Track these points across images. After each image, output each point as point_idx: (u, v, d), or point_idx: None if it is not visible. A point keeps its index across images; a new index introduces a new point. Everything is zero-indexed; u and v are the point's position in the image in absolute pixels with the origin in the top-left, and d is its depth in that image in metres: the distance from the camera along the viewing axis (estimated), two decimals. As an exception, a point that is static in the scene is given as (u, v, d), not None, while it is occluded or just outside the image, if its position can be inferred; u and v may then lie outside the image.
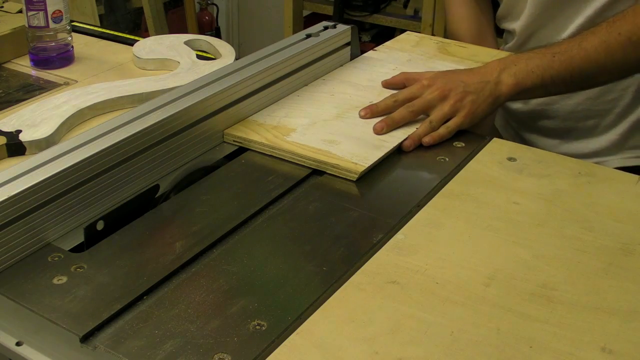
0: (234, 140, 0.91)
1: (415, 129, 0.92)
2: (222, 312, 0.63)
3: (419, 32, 2.49)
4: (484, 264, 0.69)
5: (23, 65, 1.14)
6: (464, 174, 0.84)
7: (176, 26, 3.01)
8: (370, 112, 0.95)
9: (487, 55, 1.11)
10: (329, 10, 2.74)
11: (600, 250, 0.71)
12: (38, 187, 0.70)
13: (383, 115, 0.94)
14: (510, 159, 0.87)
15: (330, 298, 0.65)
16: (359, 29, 1.18)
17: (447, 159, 0.88)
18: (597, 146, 1.17)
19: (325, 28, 1.10)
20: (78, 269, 0.68)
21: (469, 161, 0.87)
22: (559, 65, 0.95)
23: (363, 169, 0.83)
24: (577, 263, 0.70)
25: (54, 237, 0.72)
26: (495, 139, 0.92)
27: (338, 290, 0.65)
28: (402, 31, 2.64)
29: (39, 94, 1.04)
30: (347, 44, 1.11)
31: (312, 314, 0.63)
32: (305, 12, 2.85)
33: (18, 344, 0.59)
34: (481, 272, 0.68)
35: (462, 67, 1.03)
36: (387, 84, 1.03)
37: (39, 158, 0.73)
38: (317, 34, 1.07)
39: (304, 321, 0.62)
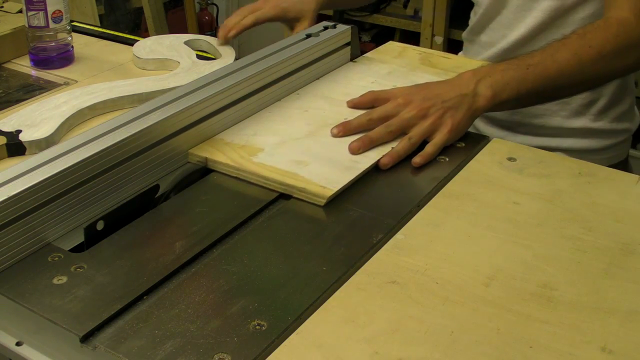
0: (197, 161, 0.86)
1: (391, 148, 0.88)
2: (222, 312, 0.63)
3: (419, 32, 2.50)
4: (484, 264, 0.69)
5: (23, 65, 1.14)
6: (464, 174, 0.84)
7: (176, 26, 3.01)
8: (343, 130, 0.91)
9: (471, 67, 1.04)
10: (329, 10, 2.74)
11: (600, 250, 0.71)
12: (38, 187, 0.70)
13: (356, 133, 0.90)
14: (510, 159, 0.87)
15: (330, 298, 0.65)
16: (359, 29, 1.17)
17: (447, 159, 0.88)
18: (544, 143, 1.17)
19: (325, 28, 1.10)
20: (78, 269, 0.68)
21: (469, 161, 0.87)
22: (533, 77, 0.93)
23: (331, 193, 0.79)
24: (577, 263, 0.70)
25: (54, 237, 0.72)
26: (495, 139, 0.92)
27: (338, 290, 0.66)
28: (402, 31, 2.65)
29: (39, 94, 1.04)
30: (347, 44, 1.11)
31: (312, 314, 0.63)
32: (305, 12, 2.85)
33: (18, 344, 0.59)
34: (481, 272, 0.68)
35: (443, 79, 0.99)
36: (353, 105, 0.97)
37: (39, 158, 0.73)
38: (317, 34, 1.07)
39: (304, 321, 0.62)
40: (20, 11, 1.16)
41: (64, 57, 1.13)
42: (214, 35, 1.20)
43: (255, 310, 0.63)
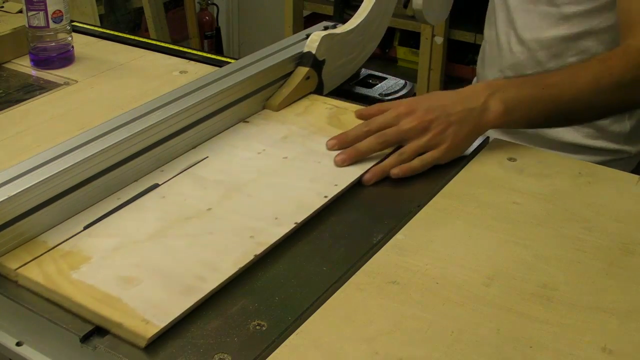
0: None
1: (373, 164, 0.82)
2: (222, 312, 0.63)
3: (419, 32, 2.50)
4: (484, 264, 0.69)
5: (23, 65, 1.14)
6: (464, 174, 0.84)
7: (176, 26, 3.01)
8: (339, 142, 0.85)
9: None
10: (329, 10, 2.73)
11: (600, 250, 0.71)
12: (38, 187, 0.70)
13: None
14: (510, 159, 0.87)
15: (330, 298, 0.65)
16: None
17: (447, 159, 0.88)
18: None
19: (326, 28, 1.09)
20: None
21: (469, 161, 0.87)
22: (548, 98, 0.87)
23: (154, 332, 0.59)
24: (577, 263, 0.70)
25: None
26: (495, 139, 0.92)
27: (338, 290, 0.65)
28: (402, 31, 2.65)
29: (39, 94, 1.04)
30: (347, 44, 1.11)
31: (312, 314, 0.63)
32: (305, 12, 2.85)
33: (18, 344, 0.59)
34: (481, 272, 0.68)
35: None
36: (359, 117, 0.91)
37: (39, 158, 0.73)
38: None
39: (304, 321, 0.62)
40: (21, 11, 1.16)
41: (64, 57, 1.13)
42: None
43: (255, 310, 0.63)
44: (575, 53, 1.11)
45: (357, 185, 0.82)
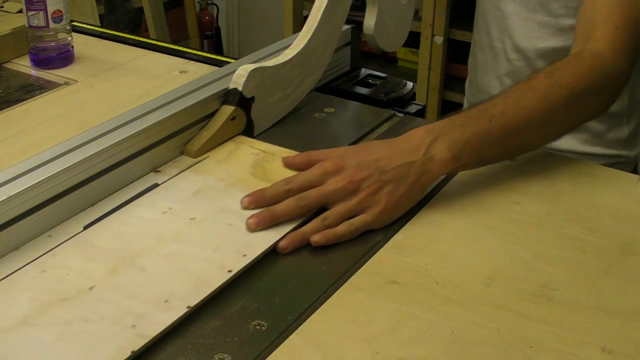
0: None
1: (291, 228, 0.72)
2: (222, 312, 0.63)
3: (419, 32, 2.49)
4: (484, 264, 0.69)
5: (23, 65, 1.14)
6: (464, 174, 0.84)
7: (176, 26, 3.01)
8: (255, 200, 0.74)
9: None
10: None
11: (600, 250, 0.71)
12: (38, 187, 0.69)
13: (272, 205, 0.74)
14: (510, 159, 0.87)
15: (330, 298, 0.65)
16: (359, 29, 1.17)
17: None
18: None
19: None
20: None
21: (469, 161, 0.86)
22: (498, 131, 0.78)
23: None
24: (577, 263, 0.70)
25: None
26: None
27: (338, 290, 0.66)
28: (402, 31, 2.64)
29: (39, 94, 1.04)
30: (347, 44, 1.11)
31: (312, 314, 0.63)
32: (305, 12, 2.85)
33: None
34: (481, 272, 0.68)
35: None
36: (286, 166, 0.82)
37: (39, 158, 0.73)
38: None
39: (304, 321, 0.62)
40: (20, 11, 1.16)
41: (64, 57, 1.13)
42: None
43: (255, 310, 0.63)
44: None
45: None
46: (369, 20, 1.03)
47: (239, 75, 0.87)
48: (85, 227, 0.72)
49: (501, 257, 0.70)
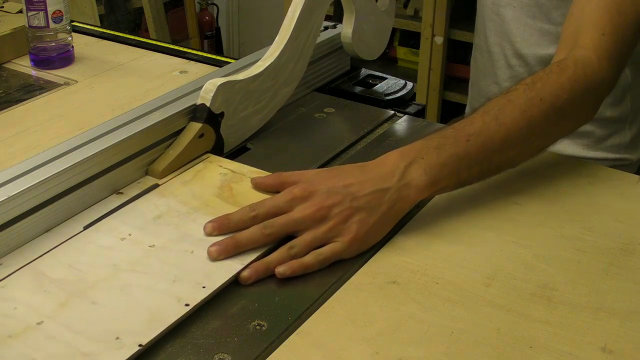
0: None
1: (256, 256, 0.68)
2: (222, 312, 0.63)
3: (419, 32, 2.50)
4: (484, 264, 0.69)
5: (23, 66, 1.14)
6: (464, 174, 0.84)
7: (176, 26, 3.01)
8: (218, 227, 0.70)
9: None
10: (329, 10, 2.74)
11: (600, 250, 0.71)
12: (38, 187, 0.69)
13: (237, 231, 0.70)
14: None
15: (330, 298, 0.65)
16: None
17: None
18: None
19: (326, 28, 1.09)
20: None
21: (469, 161, 0.86)
22: (476, 150, 0.74)
23: None
24: (577, 263, 0.70)
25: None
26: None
27: (338, 291, 0.66)
28: (403, 31, 2.64)
29: (39, 94, 1.04)
30: (347, 44, 1.11)
31: (312, 314, 0.63)
32: (305, 12, 2.85)
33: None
34: (481, 272, 0.68)
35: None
36: (255, 187, 0.78)
37: (39, 158, 0.73)
38: (316, 35, 1.05)
39: (304, 321, 0.62)
40: (21, 11, 1.16)
41: (64, 57, 1.13)
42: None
43: (255, 310, 0.63)
44: None
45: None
46: (347, 29, 1.02)
47: (207, 90, 0.83)
48: (36, 258, 0.67)
49: (501, 257, 0.70)
